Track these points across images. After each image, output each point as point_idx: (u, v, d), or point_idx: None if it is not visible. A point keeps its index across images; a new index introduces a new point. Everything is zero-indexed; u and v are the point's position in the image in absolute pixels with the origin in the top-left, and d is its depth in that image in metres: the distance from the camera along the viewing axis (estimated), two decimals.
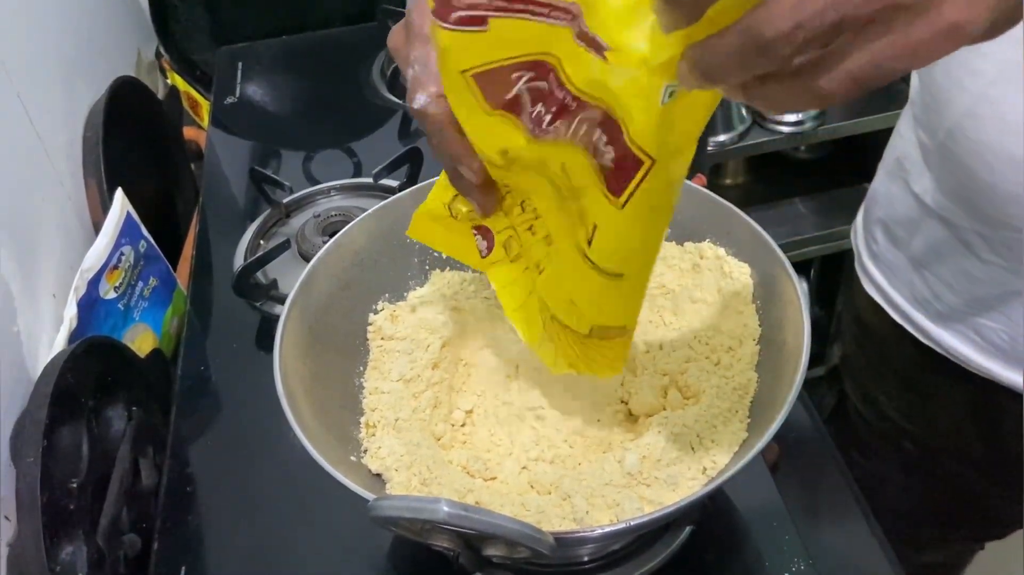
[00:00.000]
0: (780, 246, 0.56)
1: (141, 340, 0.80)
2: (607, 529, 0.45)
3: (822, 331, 1.61)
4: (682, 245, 0.63)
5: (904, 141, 0.71)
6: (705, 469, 0.51)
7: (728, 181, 1.52)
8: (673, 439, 0.52)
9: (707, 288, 0.60)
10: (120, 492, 0.65)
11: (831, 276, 1.51)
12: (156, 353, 0.81)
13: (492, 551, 0.43)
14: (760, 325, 0.57)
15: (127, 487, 0.67)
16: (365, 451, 0.56)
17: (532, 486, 0.53)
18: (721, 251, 0.60)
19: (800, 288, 0.53)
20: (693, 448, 0.52)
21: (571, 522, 0.49)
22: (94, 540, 0.61)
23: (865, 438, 0.87)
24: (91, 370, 0.66)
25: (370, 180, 0.91)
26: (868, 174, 1.47)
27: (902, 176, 0.72)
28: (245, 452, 0.69)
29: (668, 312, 0.61)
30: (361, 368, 0.61)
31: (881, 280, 0.77)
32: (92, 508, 0.63)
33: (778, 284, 0.55)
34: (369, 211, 0.64)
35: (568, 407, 0.56)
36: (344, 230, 0.62)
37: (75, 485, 0.61)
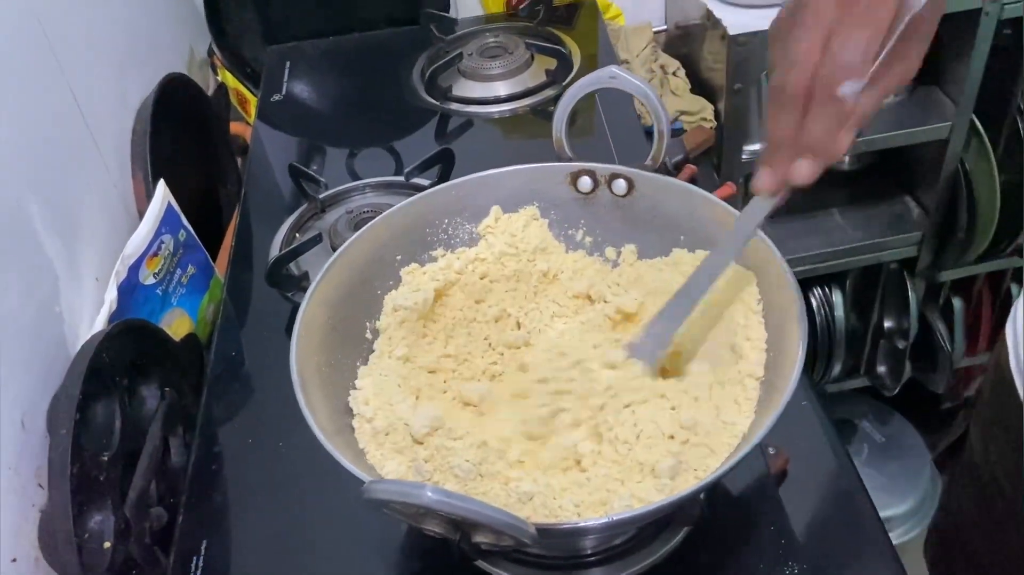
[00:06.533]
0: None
1: (178, 324, 0.84)
2: (589, 522, 0.47)
3: (859, 343, 1.59)
4: (693, 252, 0.64)
5: None
6: (695, 471, 0.52)
7: None
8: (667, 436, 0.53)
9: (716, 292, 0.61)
10: (149, 467, 0.69)
11: (868, 288, 1.49)
12: (191, 337, 0.85)
13: (480, 538, 0.45)
14: (766, 330, 0.58)
15: (156, 463, 0.70)
16: None
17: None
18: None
19: (797, 293, 0.54)
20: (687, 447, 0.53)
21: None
22: (122, 511, 0.64)
23: (973, 481, 0.84)
24: (126, 350, 0.70)
25: (402, 179, 0.93)
26: (908, 186, 1.46)
27: None
28: (271, 436, 0.72)
29: None
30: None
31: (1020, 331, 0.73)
32: (122, 481, 0.66)
33: (778, 291, 0.56)
34: (389, 211, 0.66)
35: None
36: (367, 226, 0.65)
37: (106, 458, 0.64)
